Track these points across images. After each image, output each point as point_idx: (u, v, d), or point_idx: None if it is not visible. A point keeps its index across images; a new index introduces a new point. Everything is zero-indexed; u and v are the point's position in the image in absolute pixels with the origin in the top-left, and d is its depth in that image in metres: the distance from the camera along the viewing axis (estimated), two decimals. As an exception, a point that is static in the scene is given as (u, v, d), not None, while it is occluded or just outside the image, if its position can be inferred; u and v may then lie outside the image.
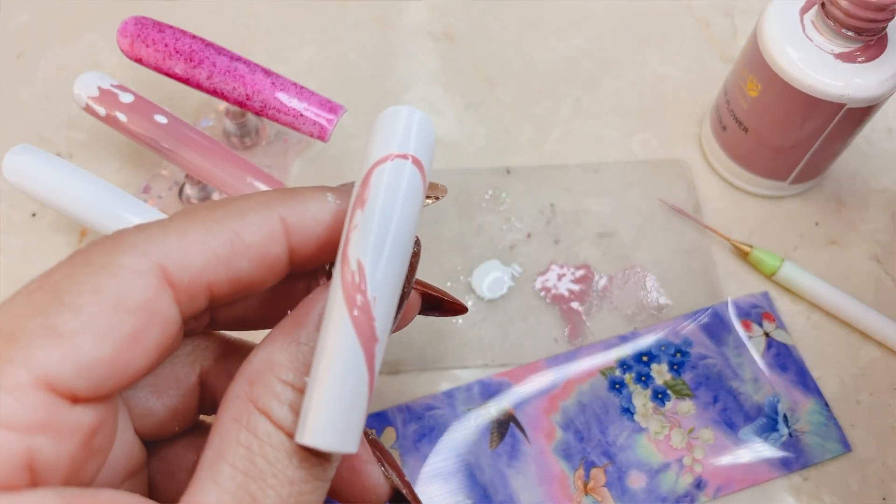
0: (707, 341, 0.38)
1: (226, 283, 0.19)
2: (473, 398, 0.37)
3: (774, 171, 0.42)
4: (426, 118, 0.20)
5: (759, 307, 0.40)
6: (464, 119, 0.46)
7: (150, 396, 0.22)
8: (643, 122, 0.46)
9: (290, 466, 0.18)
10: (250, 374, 0.19)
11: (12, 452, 0.16)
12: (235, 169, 0.37)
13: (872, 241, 0.42)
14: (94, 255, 0.18)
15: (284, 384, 0.19)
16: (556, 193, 0.43)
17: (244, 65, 0.39)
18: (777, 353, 0.38)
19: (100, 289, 0.17)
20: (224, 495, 0.17)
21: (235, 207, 0.20)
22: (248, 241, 0.19)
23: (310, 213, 0.20)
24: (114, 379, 0.18)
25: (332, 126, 0.39)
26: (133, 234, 0.19)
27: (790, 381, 0.37)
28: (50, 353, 0.17)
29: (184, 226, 0.19)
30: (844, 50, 0.36)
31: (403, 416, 0.36)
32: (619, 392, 0.37)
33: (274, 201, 0.20)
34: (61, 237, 0.42)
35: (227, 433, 0.18)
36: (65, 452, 0.17)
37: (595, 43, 0.50)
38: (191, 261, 0.19)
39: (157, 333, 0.18)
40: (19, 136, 0.45)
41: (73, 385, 0.17)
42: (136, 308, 0.18)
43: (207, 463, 0.18)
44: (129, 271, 0.18)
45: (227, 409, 0.19)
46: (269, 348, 0.19)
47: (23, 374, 0.16)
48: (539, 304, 0.40)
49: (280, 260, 0.20)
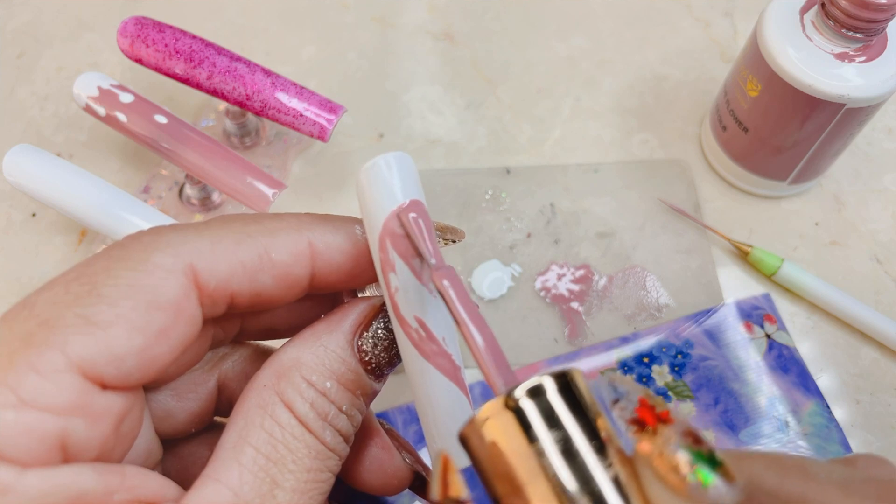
0: (708, 343, 0.38)
1: (247, 294, 0.20)
2: (474, 399, 0.37)
3: (774, 171, 0.42)
4: (403, 157, 0.21)
5: (761, 309, 0.40)
6: (464, 119, 0.46)
7: (171, 399, 0.23)
8: (643, 122, 0.46)
9: (309, 457, 0.19)
10: (278, 367, 0.20)
11: (47, 432, 0.17)
12: (235, 169, 0.37)
13: (872, 241, 0.42)
14: (131, 251, 0.19)
15: (308, 384, 0.20)
16: (556, 193, 0.43)
17: (244, 65, 0.39)
18: (778, 354, 0.38)
19: (134, 284, 0.18)
20: (246, 474, 0.19)
21: (268, 225, 0.21)
22: (275, 260, 0.20)
23: (337, 243, 0.21)
24: (141, 370, 0.19)
25: (332, 126, 0.39)
26: (170, 233, 0.20)
27: (791, 383, 0.37)
28: (85, 341, 0.18)
29: (218, 233, 0.20)
30: (844, 50, 0.36)
31: (404, 417, 0.36)
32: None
33: (305, 225, 0.21)
34: (61, 237, 0.42)
35: (252, 418, 0.19)
36: (95, 435, 0.18)
37: (595, 43, 0.50)
38: (219, 267, 0.20)
39: (183, 330, 0.19)
40: (19, 136, 0.45)
41: (104, 372, 0.18)
42: (166, 305, 0.19)
43: (231, 443, 0.19)
44: (162, 270, 0.19)
45: (253, 397, 0.20)
46: (299, 347, 0.21)
47: (59, 359, 0.17)
48: (539, 304, 0.40)
49: (301, 281, 0.21)
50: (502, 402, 0.17)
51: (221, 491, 0.18)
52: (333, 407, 0.20)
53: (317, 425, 0.20)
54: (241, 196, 0.37)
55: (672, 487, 0.16)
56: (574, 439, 0.17)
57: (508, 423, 0.17)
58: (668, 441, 0.17)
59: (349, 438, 0.21)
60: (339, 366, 0.21)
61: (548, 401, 0.17)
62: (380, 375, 0.22)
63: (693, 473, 0.16)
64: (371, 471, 0.24)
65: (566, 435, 0.17)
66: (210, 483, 0.19)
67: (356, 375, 0.21)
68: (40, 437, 0.17)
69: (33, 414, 0.17)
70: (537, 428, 0.17)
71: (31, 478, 0.17)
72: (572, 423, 0.17)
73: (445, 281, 0.19)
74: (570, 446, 0.17)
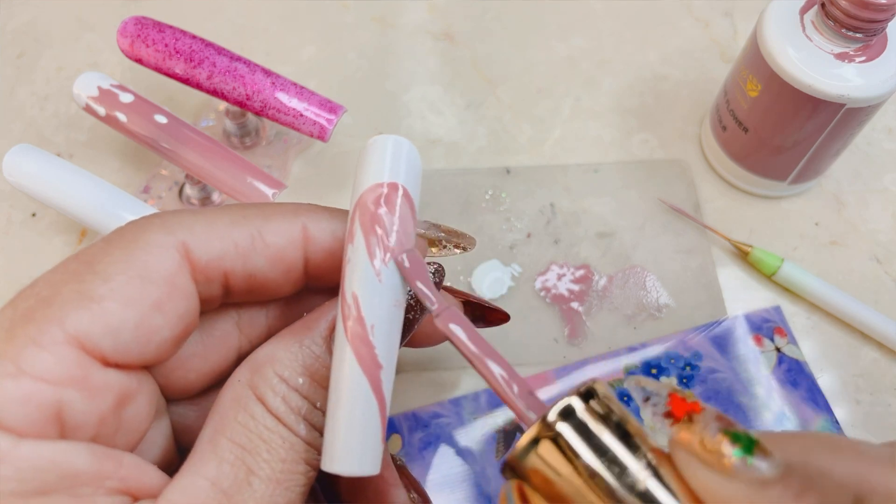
0: (717, 355, 0.38)
1: (241, 275, 0.21)
2: (480, 407, 0.37)
3: (774, 171, 0.42)
4: (411, 147, 0.21)
5: (771, 322, 0.39)
6: (464, 119, 0.46)
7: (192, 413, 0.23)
8: (643, 122, 0.46)
9: (283, 448, 0.20)
10: (253, 363, 0.21)
11: (43, 402, 0.17)
12: (235, 169, 0.37)
13: (872, 241, 0.42)
14: (127, 231, 0.20)
15: (280, 379, 0.20)
16: (556, 193, 0.43)
17: (244, 65, 0.39)
18: (788, 368, 0.38)
19: (127, 260, 0.19)
20: (224, 465, 0.19)
21: (263, 210, 0.21)
22: (268, 241, 0.21)
23: (330, 228, 0.21)
24: (139, 344, 0.19)
25: (332, 126, 0.39)
26: (167, 216, 0.20)
27: (801, 398, 0.37)
28: (81, 314, 0.18)
29: (213, 215, 0.21)
30: (844, 50, 0.36)
31: (409, 424, 0.36)
32: (626, 404, 0.37)
33: (301, 211, 0.21)
34: (61, 237, 0.42)
35: (226, 412, 0.20)
36: (93, 410, 0.18)
37: (595, 43, 0.50)
38: (212, 245, 0.20)
39: (178, 305, 0.20)
40: (19, 136, 0.45)
41: (101, 345, 0.18)
42: (159, 280, 0.19)
43: (207, 436, 0.20)
44: (154, 246, 0.19)
45: (229, 392, 0.20)
46: (275, 344, 0.21)
47: (58, 332, 0.18)
48: (539, 304, 0.40)
49: (295, 266, 0.21)
50: (537, 429, 0.18)
51: (199, 482, 0.19)
52: (306, 402, 0.20)
53: (290, 418, 0.20)
54: (241, 196, 0.37)
55: (718, 469, 0.17)
56: (612, 448, 0.18)
57: (548, 448, 0.18)
58: (706, 427, 0.18)
59: None
60: (312, 362, 0.21)
61: (580, 419, 0.18)
62: None
63: (735, 452, 0.17)
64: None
65: (604, 447, 0.18)
66: (188, 475, 0.19)
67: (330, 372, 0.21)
68: (37, 406, 0.17)
69: (31, 383, 0.17)
70: (577, 447, 0.18)
71: (26, 449, 0.17)
72: (607, 434, 0.18)
73: (451, 325, 0.19)
74: (610, 456, 0.18)
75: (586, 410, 0.18)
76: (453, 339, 0.19)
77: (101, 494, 0.18)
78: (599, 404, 0.18)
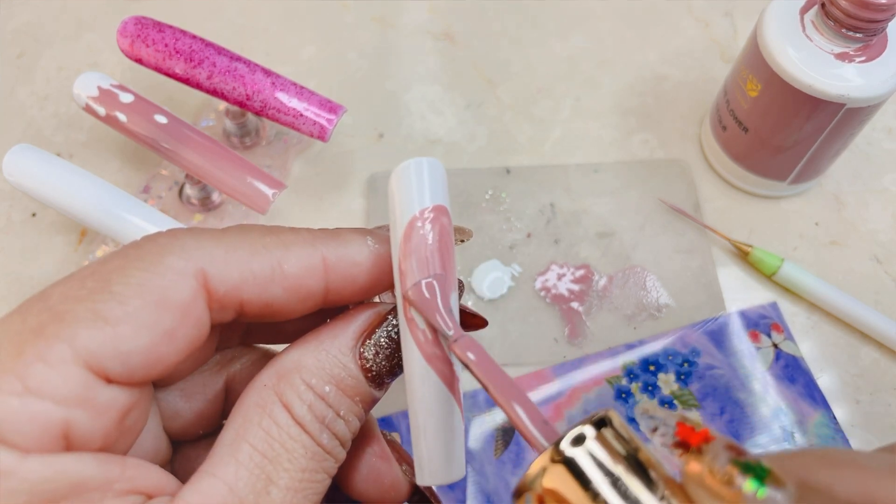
0: (715, 351, 0.38)
1: (257, 303, 0.21)
2: (478, 405, 0.37)
3: (774, 171, 0.42)
4: (438, 164, 0.22)
5: (768, 318, 0.39)
6: (464, 119, 0.46)
7: (179, 398, 0.23)
8: (643, 122, 0.46)
9: (304, 457, 0.20)
10: (279, 369, 0.21)
11: (50, 421, 0.17)
12: (235, 169, 0.37)
13: (872, 241, 0.42)
14: (145, 251, 0.20)
15: (308, 387, 0.20)
16: (556, 193, 0.43)
17: (244, 65, 0.39)
18: (785, 364, 0.38)
19: (145, 284, 0.19)
20: (242, 470, 0.19)
21: (283, 238, 0.21)
22: (287, 272, 0.21)
23: (349, 256, 0.22)
24: (146, 368, 0.19)
25: (332, 126, 0.39)
26: (186, 237, 0.20)
27: (798, 394, 0.37)
28: (93, 335, 0.18)
29: (234, 242, 0.20)
30: (844, 50, 0.36)
31: (409, 423, 0.36)
32: (625, 401, 0.37)
33: (319, 240, 0.21)
34: (61, 237, 0.42)
35: (250, 416, 0.20)
36: (98, 427, 0.18)
37: (595, 43, 0.50)
38: (231, 274, 0.20)
39: (189, 332, 0.20)
40: (19, 136, 0.45)
41: (109, 367, 0.18)
42: (174, 308, 0.19)
43: (228, 440, 0.20)
44: (173, 272, 0.19)
45: (253, 395, 0.20)
46: (301, 350, 0.21)
47: (67, 351, 0.18)
48: (539, 303, 0.40)
49: (314, 294, 0.21)
50: (549, 455, 0.18)
51: (217, 485, 0.19)
52: (331, 411, 0.20)
53: (314, 427, 0.20)
54: (241, 196, 0.37)
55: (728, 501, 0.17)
56: (624, 478, 0.18)
57: (560, 474, 0.18)
58: (716, 457, 0.17)
59: (346, 443, 0.21)
60: (339, 371, 0.21)
61: (592, 447, 0.18)
62: (380, 384, 0.22)
63: (746, 484, 0.17)
64: (367, 480, 0.24)
65: (616, 475, 0.18)
66: (206, 477, 0.19)
67: (356, 382, 0.21)
68: (43, 425, 0.17)
69: (37, 402, 0.17)
70: (590, 474, 0.18)
71: (32, 463, 0.17)
72: (619, 463, 0.18)
73: (469, 353, 0.20)
74: (621, 485, 0.18)
75: (598, 438, 0.18)
76: (470, 364, 0.20)
77: (111, 497, 0.18)
78: (612, 432, 0.18)
